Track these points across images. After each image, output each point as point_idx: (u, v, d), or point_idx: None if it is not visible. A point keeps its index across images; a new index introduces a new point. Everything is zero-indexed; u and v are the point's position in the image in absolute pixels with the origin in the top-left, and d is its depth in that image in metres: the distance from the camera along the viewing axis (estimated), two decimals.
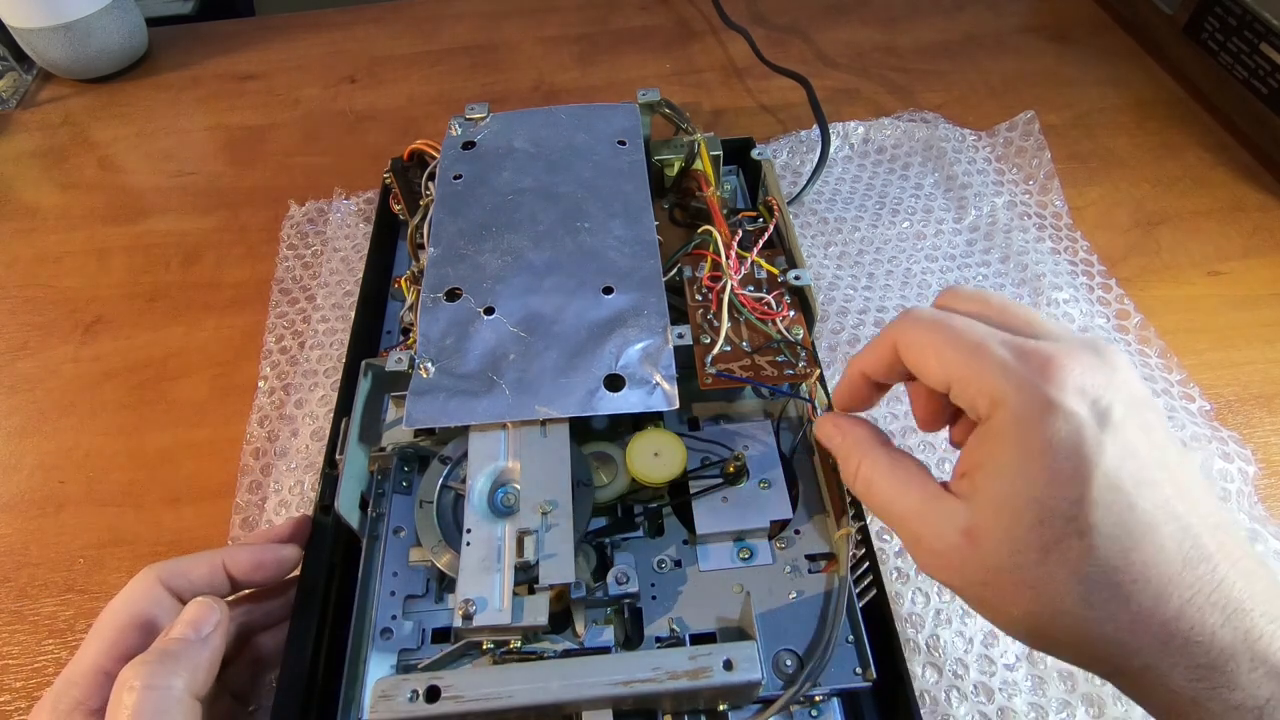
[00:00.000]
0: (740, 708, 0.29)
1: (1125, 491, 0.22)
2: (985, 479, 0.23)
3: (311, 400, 0.45)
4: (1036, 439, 0.22)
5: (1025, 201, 0.54)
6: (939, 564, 0.24)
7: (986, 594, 0.23)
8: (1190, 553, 0.21)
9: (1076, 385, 0.22)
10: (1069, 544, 0.21)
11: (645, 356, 0.35)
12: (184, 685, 0.26)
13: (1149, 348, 0.46)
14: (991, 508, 0.23)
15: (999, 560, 0.22)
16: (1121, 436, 0.22)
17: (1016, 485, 0.22)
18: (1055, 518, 0.22)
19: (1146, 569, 0.21)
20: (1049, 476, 0.22)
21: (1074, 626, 0.22)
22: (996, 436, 0.23)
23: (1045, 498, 0.22)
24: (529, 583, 0.29)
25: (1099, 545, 0.21)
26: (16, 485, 0.44)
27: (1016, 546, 0.22)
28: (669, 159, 0.46)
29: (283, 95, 0.68)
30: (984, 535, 0.23)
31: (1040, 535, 0.22)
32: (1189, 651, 0.21)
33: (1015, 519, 0.22)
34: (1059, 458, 0.22)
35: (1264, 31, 0.54)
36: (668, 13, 0.74)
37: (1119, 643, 0.22)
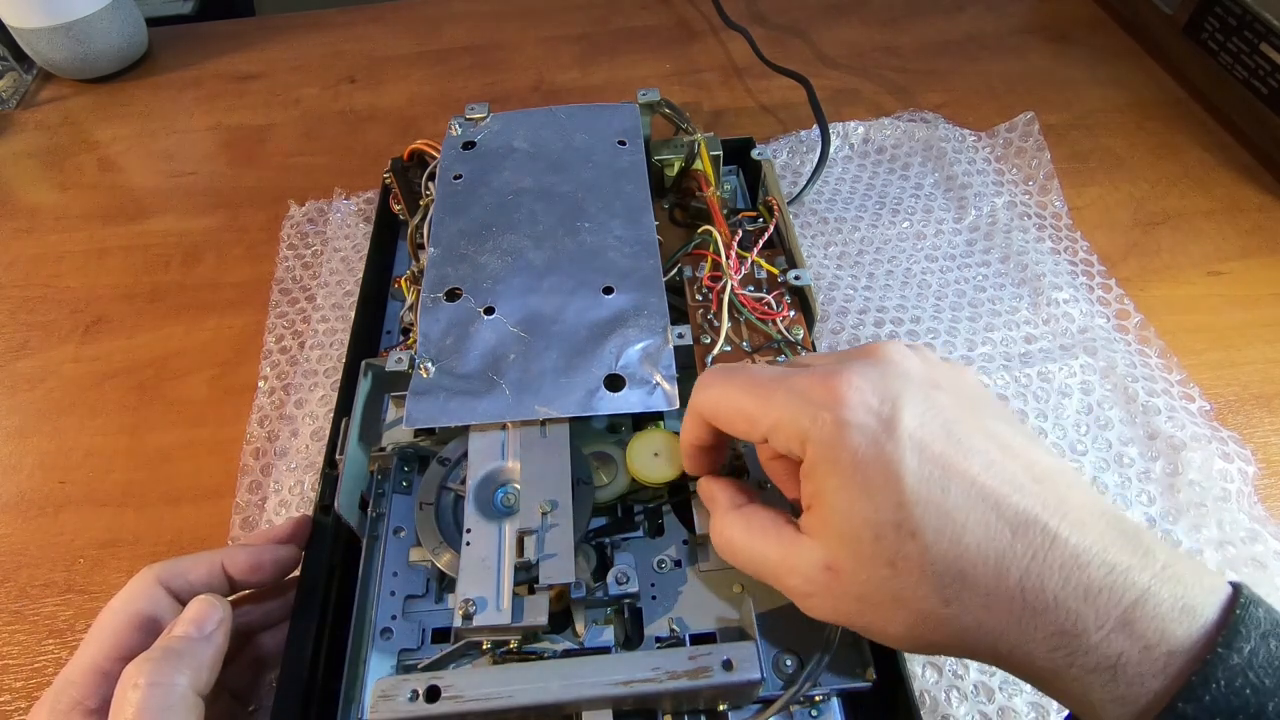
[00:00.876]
0: (740, 708, 0.29)
1: (935, 480, 0.22)
2: (822, 511, 0.24)
3: (311, 400, 0.45)
4: (844, 463, 0.23)
5: (1025, 201, 0.54)
6: (815, 604, 0.25)
7: (864, 620, 0.24)
8: (1015, 519, 0.22)
9: (858, 400, 0.24)
10: (907, 550, 0.22)
11: (645, 356, 0.35)
12: (188, 683, 0.26)
13: (1149, 348, 0.46)
14: (835, 538, 0.24)
15: (860, 586, 0.23)
16: (914, 433, 0.23)
17: (846, 510, 0.23)
18: (887, 530, 0.23)
19: (981, 549, 0.22)
20: (867, 493, 0.23)
21: (943, 627, 0.23)
22: (815, 470, 0.24)
23: (872, 514, 0.23)
24: (529, 583, 0.29)
25: (931, 541, 0.22)
26: (16, 485, 0.44)
27: (869, 568, 0.23)
28: (669, 159, 0.46)
29: (283, 95, 0.68)
30: (839, 567, 0.24)
31: (882, 550, 0.23)
32: (1040, 622, 0.21)
33: (858, 542, 0.23)
34: (868, 473, 0.23)
35: (1264, 31, 0.54)
36: (668, 13, 0.74)
37: (983, 630, 0.22)
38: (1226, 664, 0.20)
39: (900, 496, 0.22)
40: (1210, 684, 0.20)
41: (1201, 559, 0.38)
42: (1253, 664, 0.20)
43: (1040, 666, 0.22)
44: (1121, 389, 0.44)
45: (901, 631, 0.23)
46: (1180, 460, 0.40)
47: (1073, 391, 0.44)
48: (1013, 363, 0.45)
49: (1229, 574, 0.37)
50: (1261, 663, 0.20)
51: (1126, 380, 0.44)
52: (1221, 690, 0.20)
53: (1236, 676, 0.20)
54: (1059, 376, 0.44)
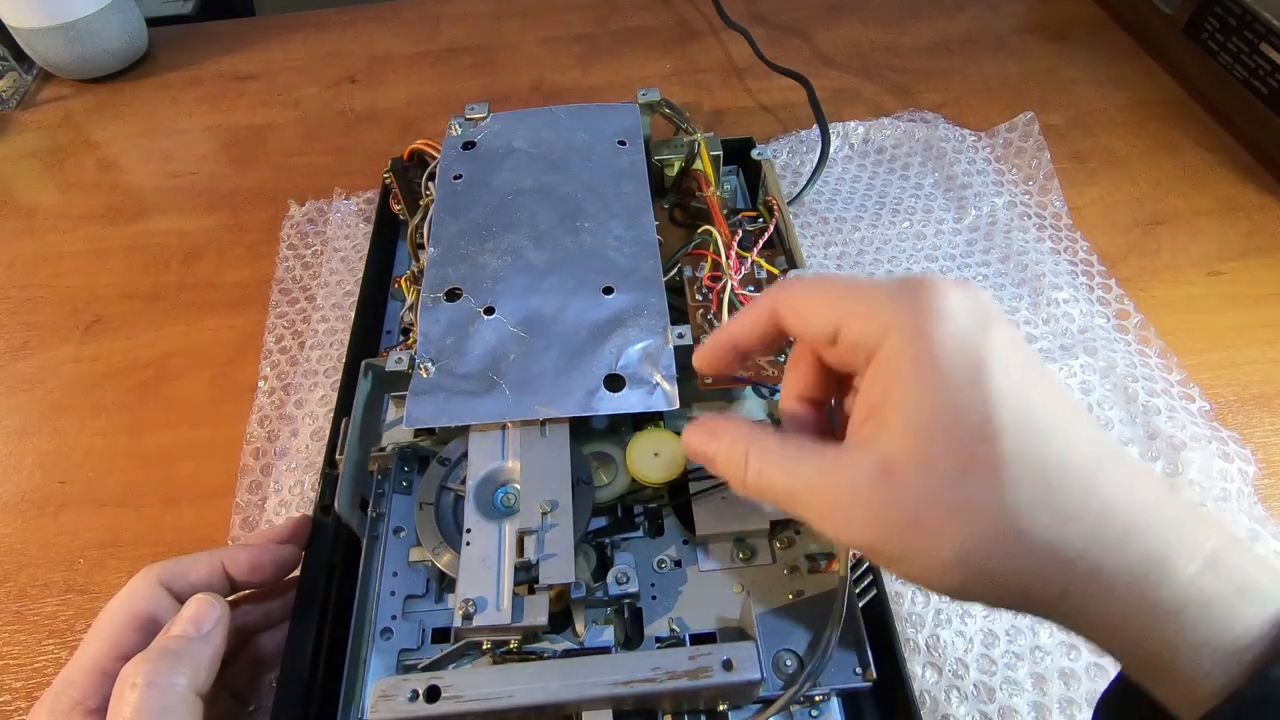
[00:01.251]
0: (740, 708, 0.29)
1: (1023, 391, 0.21)
2: (889, 409, 0.22)
3: (311, 400, 0.45)
4: (931, 348, 0.21)
5: (1025, 201, 0.54)
6: (854, 519, 0.22)
7: (911, 539, 0.21)
8: (1101, 451, 0.21)
9: (956, 298, 0.22)
10: (987, 448, 0.20)
11: (645, 356, 0.35)
12: (187, 682, 0.26)
13: (1149, 348, 0.46)
14: (901, 434, 0.22)
15: (920, 491, 0.21)
16: (1005, 340, 0.22)
17: (921, 401, 0.21)
18: (966, 424, 0.21)
19: (1067, 460, 0.21)
20: (950, 383, 0.21)
21: (1008, 545, 0.20)
22: (892, 362, 0.22)
23: (951, 405, 0.21)
24: (529, 583, 0.29)
25: (1014, 443, 0.20)
26: (16, 485, 0.44)
27: (936, 467, 0.21)
28: (669, 159, 0.46)
29: (283, 95, 0.68)
30: (900, 467, 0.21)
31: (957, 447, 0.21)
32: (1127, 545, 0.20)
33: (929, 438, 0.21)
34: (956, 362, 0.21)
35: (1264, 31, 0.54)
36: (668, 13, 0.74)
37: (1057, 548, 0.20)
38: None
39: (988, 394, 0.21)
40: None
41: None
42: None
43: (1117, 600, 0.20)
44: (1121, 389, 0.44)
45: (953, 553, 0.21)
46: (1180, 460, 0.40)
47: (1072, 391, 0.44)
48: None
49: None
50: None
51: (1126, 380, 0.44)
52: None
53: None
54: (1059, 376, 0.44)
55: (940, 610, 0.36)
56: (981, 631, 0.36)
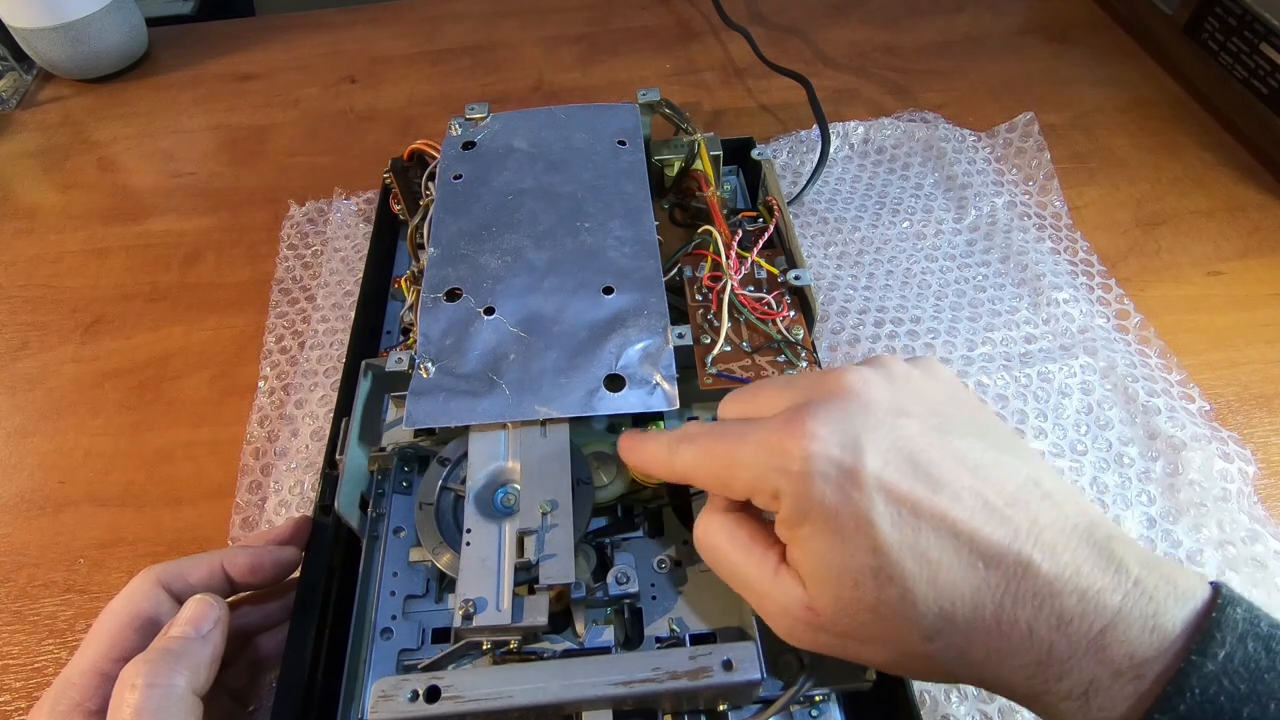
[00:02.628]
0: (740, 708, 0.29)
1: (906, 523, 0.22)
2: (802, 559, 0.24)
3: (311, 400, 0.45)
4: (815, 514, 0.23)
5: (1025, 202, 0.54)
6: (793, 635, 0.25)
7: (845, 654, 0.24)
8: (988, 552, 0.22)
9: (818, 452, 0.23)
10: (887, 594, 0.22)
11: (645, 356, 0.35)
12: (186, 683, 0.26)
13: (1149, 348, 0.46)
14: (816, 584, 0.24)
15: (842, 627, 0.24)
16: (878, 478, 0.23)
17: (823, 558, 0.23)
18: (865, 576, 0.23)
19: (957, 585, 0.22)
20: (842, 542, 0.23)
21: (925, 661, 0.23)
22: (789, 520, 0.24)
23: (849, 561, 0.23)
24: (529, 583, 0.29)
25: (910, 585, 0.22)
26: (16, 485, 0.44)
27: (850, 612, 0.23)
28: (669, 159, 0.46)
29: (283, 95, 0.68)
30: (821, 611, 0.24)
31: (862, 596, 0.23)
32: (1015, 653, 0.22)
33: (839, 588, 0.23)
34: (840, 523, 0.23)
35: (1264, 31, 0.54)
36: (668, 13, 0.74)
37: (963, 662, 0.23)
38: (1200, 672, 0.20)
39: (875, 543, 0.22)
40: (1185, 693, 0.20)
41: (1188, 559, 0.38)
42: (1228, 670, 0.20)
43: (1020, 693, 0.23)
44: (1121, 389, 0.44)
45: (884, 662, 0.24)
46: (1180, 460, 0.40)
47: (1073, 391, 0.44)
48: (1013, 363, 0.45)
49: (1229, 575, 0.37)
50: (1237, 667, 0.20)
51: (1126, 380, 0.44)
52: (1196, 699, 0.20)
53: (1211, 684, 0.20)
54: (1059, 376, 0.44)
55: None
56: None
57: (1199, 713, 0.20)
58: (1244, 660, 0.20)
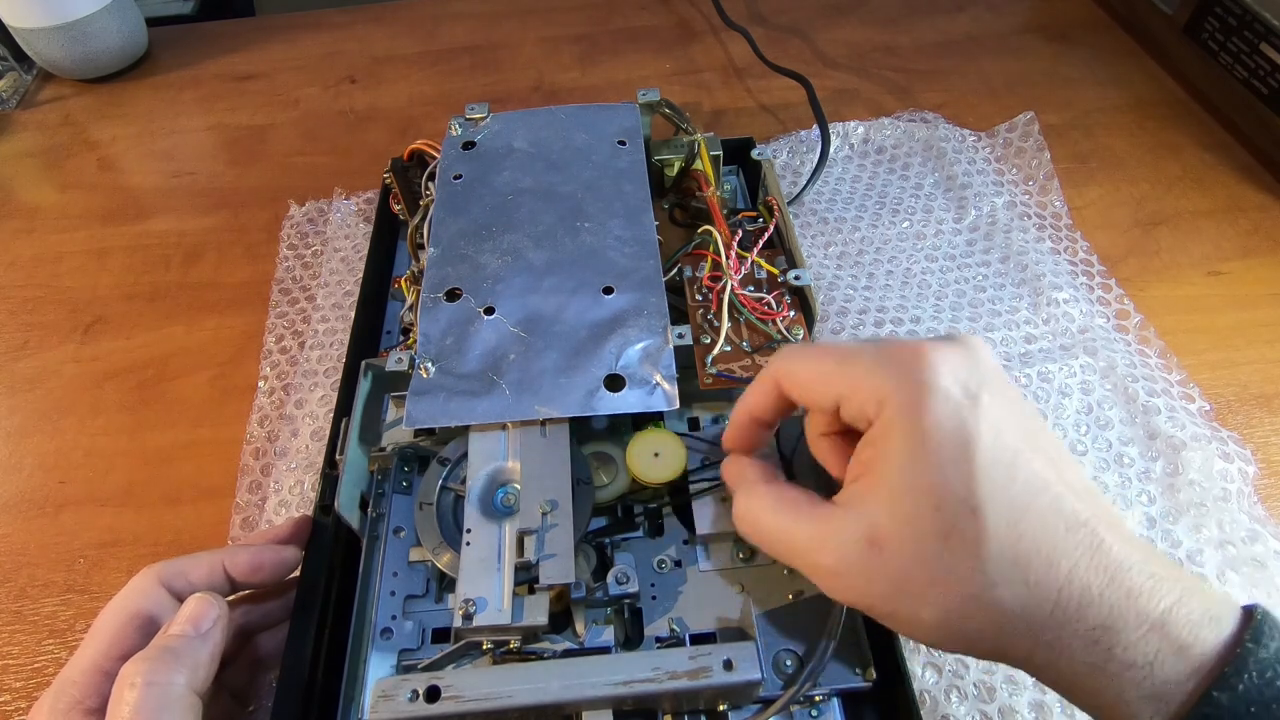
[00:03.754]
0: (740, 708, 0.29)
1: (1004, 464, 0.23)
2: (878, 477, 0.24)
3: (311, 400, 0.45)
4: (921, 424, 0.23)
5: (1025, 202, 0.54)
6: (845, 584, 0.24)
7: (897, 604, 0.23)
8: (1070, 518, 0.22)
9: (947, 370, 0.23)
10: (966, 524, 0.22)
11: (645, 356, 0.35)
12: (185, 681, 0.26)
13: (1149, 348, 0.46)
14: (888, 504, 0.23)
15: (904, 561, 0.23)
16: (992, 413, 0.23)
17: (909, 474, 0.23)
18: (950, 500, 0.22)
19: (1036, 538, 0.22)
20: (938, 459, 0.22)
21: (983, 612, 0.22)
22: (883, 433, 0.24)
23: (938, 481, 0.22)
24: (529, 583, 0.29)
25: (992, 520, 0.22)
26: (16, 485, 0.44)
27: (919, 540, 0.22)
28: (669, 159, 0.46)
29: (283, 95, 0.68)
30: (886, 537, 0.23)
31: (939, 522, 0.22)
32: (1083, 615, 0.22)
33: (914, 510, 0.23)
34: (944, 439, 0.23)
35: (1264, 31, 0.54)
36: (668, 13, 0.74)
37: (1025, 616, 0.22)
38: (1257, 656, 0.21)
39: (969, 471, 0.22)
40: (1243, 674, 0.21)
41: (1188, 560, 0.38)
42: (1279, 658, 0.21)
43: (1076, 661, 0.22)
44: (1121, 389, 0.44)
45: (935, 617, 0.23)
46: (1180, 460, 0.40)
47: (1073, 391, 0.44)
48: (1013, 363, 0.45)
49: (1229, 575, 0.37)
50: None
51: (1126, 380, 0.44)
52: (1254, 680, 0.21)
53: (1267, 668, 0.21)
54: (1059, 376, 0.44)
55: None
56: None
57: (1255, 694, 0.21)
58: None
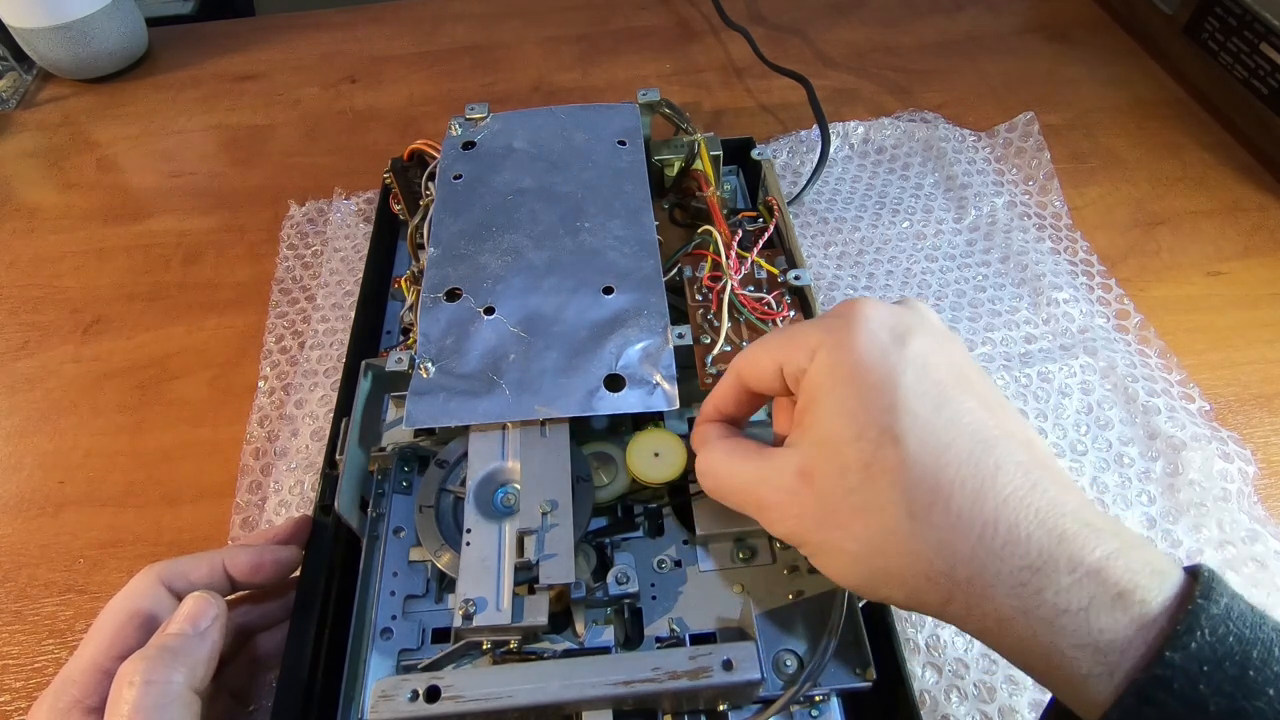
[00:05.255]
0: (740, 708, 0.29)
1: (930, 398, 0.23)
2: (810, 417, 0.24)
3: (311, 400, 0.45)
4: (845, 365, 0.24)
5: (1025, 202, 0.54)
6: (782, 516, 0.25)
7: (824, 534, 0.24)
8: (1002, 459, 0.22)
9: (876, 317, 0.25)
10: (886, 453, 0.22)
11: (645, 356, 0.35)
12: (184, 680, 0.26)
13: (1149, 348, 0.46)
14: (817, 440, 0.24)
15: (829, 491, 0.23)
16: (921, 355, 0.24)
17: (834, 410, 0.24)
18: (871, 428, 0.23)
19: (960, 471, 0.22)
20: (859, 395, 0.23)
21: (904, 544, 0.22)
22: (816, 374, 0.25)
23: (860, 414, 0.23)
24: (529, 583, 0.29)
25: (913, 448, 0.22)
26: (16, 485, 0.44)
27: (844, 469, 0.23)
28: (669, 159, 0.46)
29: (283, 95, 0.68)
30: (814, 468, 0.24)
31: (860, 451, 0.23)
32: (1009, 554, 0.21)
33: (838, 442, 0.23)
34: (867, 373, 0.23)
35: (1264, 31, 0.54)
36: (668, 13, 0.74)
37: (945, 552, 0.22)
38: (1208, 613, 0.20)
39: (891, 402, 0.23)
40: (1195, 631, 0.20)
41: (1188, 560, 0.38)
42: (1230, 615, 0.20)
43: (1001, 604, 0.21)
44: (1121, 389, 0.44)
45: (855, 550, 0.23)
46: (1180, 460, 0.40)
47: (1073, 391, 0.44)
48: (1013, 363, 0.45)
49: (1229, 575, 0.37)
50: (1238, 615, 0.20)
51: (1126, 380, 0.44)
52: (1207, 639, 0.20)
53: (1219, 625, 0.20)
54: (1059, 376, 0.44)
55: None
56: None
57: (1208, 652, 0.19)
58: (1241, 613, 0.20)
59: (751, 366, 0.28)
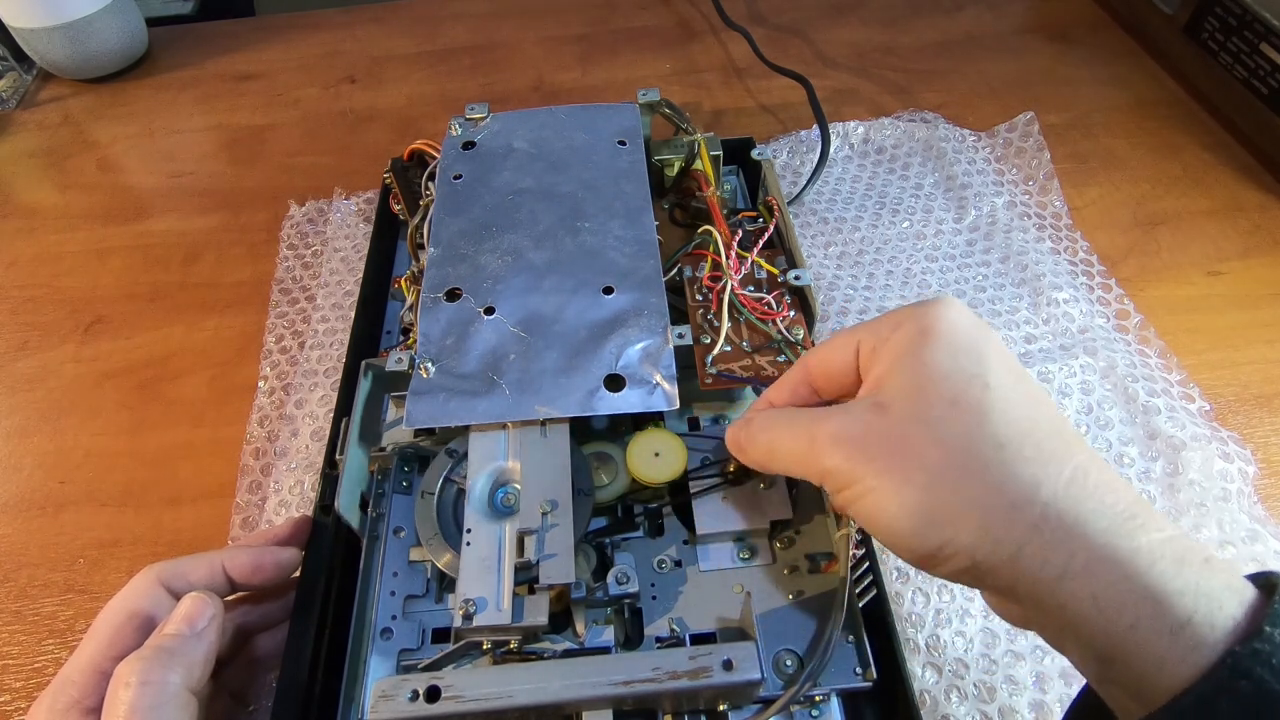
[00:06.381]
0: (740, 708, 0.29)
1: (1014, 371, 0.24)
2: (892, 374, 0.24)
3: (311, 400, 0.45)
4: (935, 329, 0.24)
5: (1025, 202, 0.54)
6: (838, 440, 0.24)
7: (888, 462, 0.23)
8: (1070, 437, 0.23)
9: (961, 307, 0.25)
10: (975, 392, 0.23)
11: (645, 356, 0.35)
12: (180, 680, 0.26)
13: (1149, 348, 0.46)
14: (897, 377, 0.24)
15: (907, 420, 0.23)
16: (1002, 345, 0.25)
17: (920, 359, 0.24)
18: (959, 373, 0.23)
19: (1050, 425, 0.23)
20: (952, 349, 0.24)
21: (989, 472, 0.21)
22: (898, 343, 0.24)
23: (948, 360, 0.23)
24: (529, 583, 0.29)
25: (1003, 394, 0.23)
26: (16, 485, 0.44)
27: (926, 402, 0.23)
28: (669, 159, 0.46)
29: (283, 95, 0.68)
30: (893, 399, 0.24)
31: (948, 388, 0.23)
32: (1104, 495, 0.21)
33: (924, 378, 0.23)
34: (959, 336, 0.24)
35: (1264, 31, 0.54)
36: (668, 13, 0.74)
37: (1035, 481, 0.21)
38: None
39: (984, 355, 0.23)
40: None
41: None
42: None
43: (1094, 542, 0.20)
44: (1121, 389, 0.44)
45: (926, 479, 0.22)
46: (1180, 460, 0.40)
47: (1073, 391, 0.44)
48: None
49: None
50: None
51: (1126, 380, 0.44)
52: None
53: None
54: (1059, 376, 0.44)
55: (940, 610, 0.36)
56: (982, 631, 0.36)
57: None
58: None
59: (825, 350, 0.27)
